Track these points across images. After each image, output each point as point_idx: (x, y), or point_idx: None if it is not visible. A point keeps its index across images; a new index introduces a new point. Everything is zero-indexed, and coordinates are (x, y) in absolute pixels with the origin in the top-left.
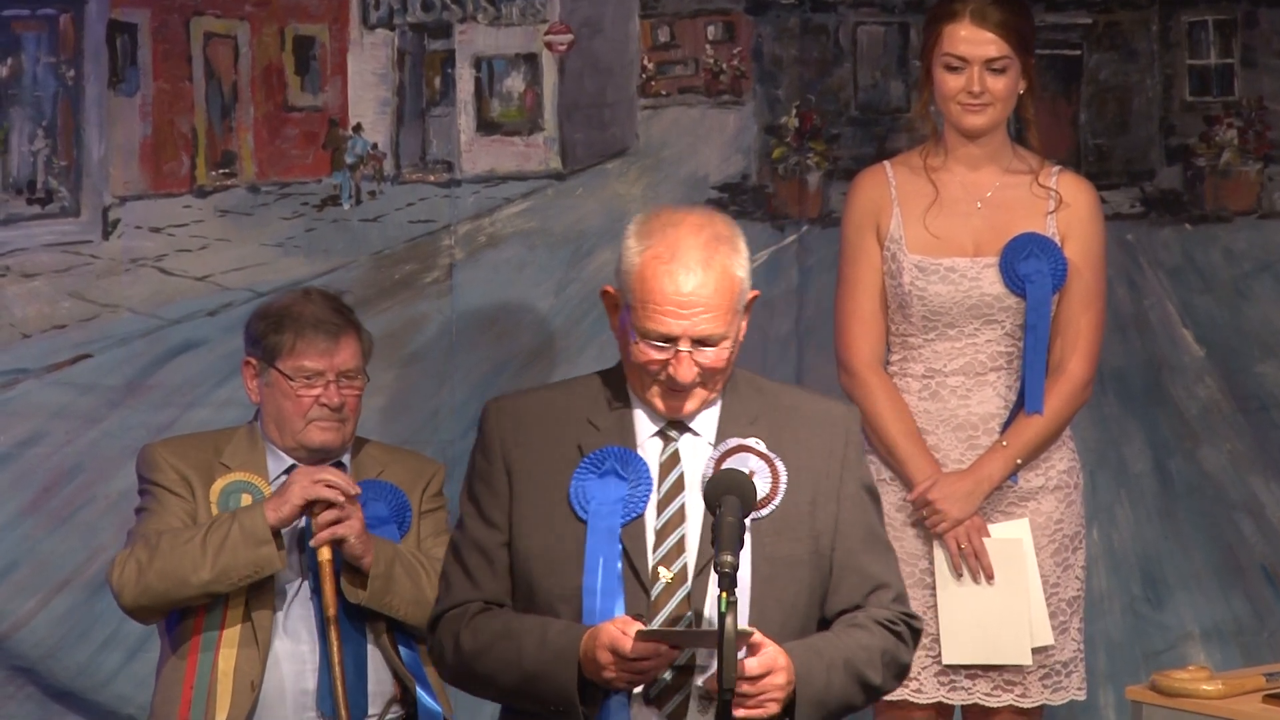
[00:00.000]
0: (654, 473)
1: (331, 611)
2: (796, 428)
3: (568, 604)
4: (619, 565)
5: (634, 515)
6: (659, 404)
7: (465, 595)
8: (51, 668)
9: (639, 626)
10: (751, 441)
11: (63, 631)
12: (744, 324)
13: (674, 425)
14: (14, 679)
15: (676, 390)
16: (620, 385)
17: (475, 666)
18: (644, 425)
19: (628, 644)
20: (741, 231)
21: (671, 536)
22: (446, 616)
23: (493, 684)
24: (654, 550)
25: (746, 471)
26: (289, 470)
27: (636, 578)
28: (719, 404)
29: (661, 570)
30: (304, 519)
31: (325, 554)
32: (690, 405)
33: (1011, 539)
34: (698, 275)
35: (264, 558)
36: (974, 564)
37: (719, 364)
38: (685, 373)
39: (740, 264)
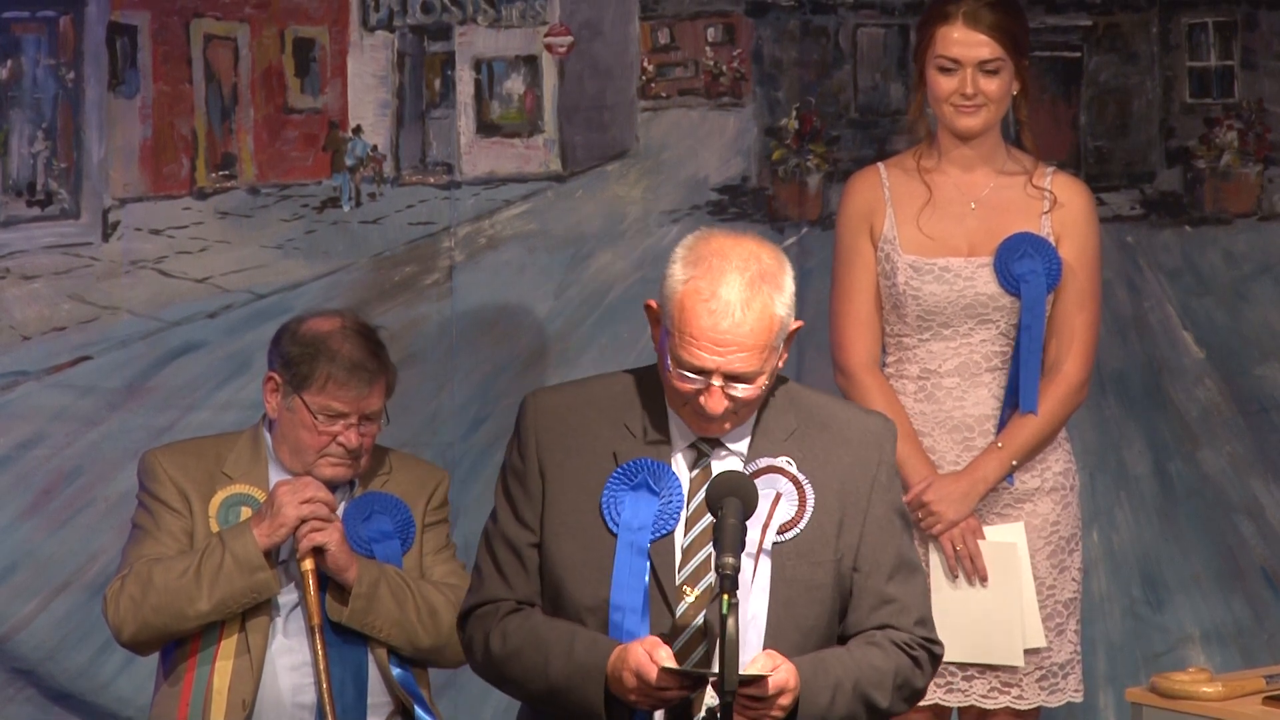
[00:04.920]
0: (685, 488)
1: (315, 620)
2: (830, 445)
3: (594, 615)
4: (645, 581)
5: (664, 532)
6: (691, 423)
7: (497, 593)
8: (51, 670)
9: (665, 652)
10: (782, 462)
11: (63, 634)
12: (784, 355)
13: (708, 440)
14: (14, 681)
15: (706, 417)
16: (657, 391)
17: (503, 670)
18: (678, 437)
19: (653, 674)
20: (789, 264)
21: (698, 555)
22: (477, 613)
23: (520, 688)
24: (680, 568)
25: (774, 493)
26: None
27: (662, 595)
28: (754, 418)
29: (686, 589)
30: None
31: (308, 564)
32: (723, 428)
33: (1006, 543)
34: (736, 315)
35: (260, 583)
36: (969, 566)
37: (750, 398)
38: (715, 405)
39: (782, 302)
